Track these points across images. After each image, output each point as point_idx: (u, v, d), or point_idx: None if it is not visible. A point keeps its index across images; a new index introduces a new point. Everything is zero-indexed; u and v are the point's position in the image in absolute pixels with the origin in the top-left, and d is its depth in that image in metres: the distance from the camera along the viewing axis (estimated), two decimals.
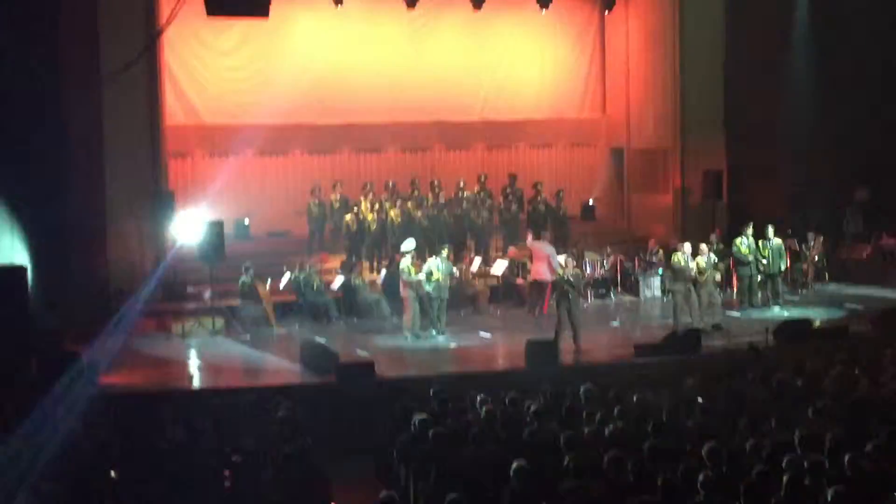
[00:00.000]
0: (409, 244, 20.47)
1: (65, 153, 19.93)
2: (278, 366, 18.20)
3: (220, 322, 20.52)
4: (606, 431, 11.66)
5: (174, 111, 24.33)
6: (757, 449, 10.63)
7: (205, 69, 25.26)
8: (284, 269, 21.67)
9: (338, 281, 21.59)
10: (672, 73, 26.53)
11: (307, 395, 15.73)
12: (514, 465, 10.14)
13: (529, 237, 21.76)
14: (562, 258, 22.49)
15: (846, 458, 9.96)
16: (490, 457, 11.00)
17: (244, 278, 20.81)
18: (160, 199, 21.85)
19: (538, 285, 21.49)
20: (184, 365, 18.60)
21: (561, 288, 19.13)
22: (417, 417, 13.01)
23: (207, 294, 21.12)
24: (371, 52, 26.31)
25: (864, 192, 26.06)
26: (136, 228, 21.76)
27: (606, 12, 27.72)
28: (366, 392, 15.91)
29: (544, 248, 21.36)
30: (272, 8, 19.42)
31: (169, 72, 23.95)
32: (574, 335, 18.87)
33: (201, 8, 19.21)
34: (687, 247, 20.52)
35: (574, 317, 18.97)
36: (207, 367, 18.44)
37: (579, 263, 23.02)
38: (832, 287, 24.20)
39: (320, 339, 19.16)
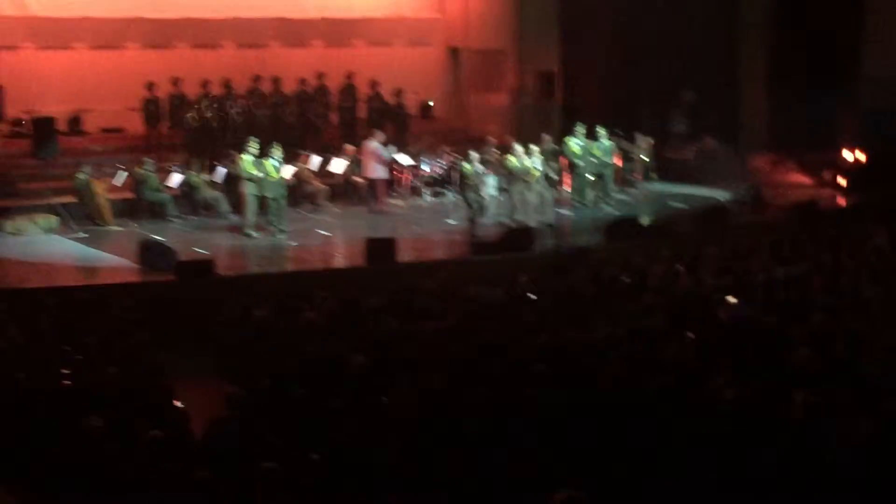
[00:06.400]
0: (250, 142, 20.38)
1: None
2: (116, 264, 18.03)
3: (54, 219, 20.17)
4: (444, 326, 12.06)
5: (1, 1, 23.46)
6: (586, 342, 11.17)
7: None
8: (119, 166, 21.38)
9: (176, 178, 21.39)
10: None
11: (146, 293, 15.73)
12: (355, 360, 10.45)
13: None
14: (402, 157, 22.91)
15: (669, 349, 10.57)
16: (330, 353, 11.28)
17: (80, 175, 20.48)
18: None
19: (371, 182, 22.01)
20: (17, 264, 18.11)
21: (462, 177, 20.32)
22: (258, 314, 13.25)
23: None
24: None
25: (691, 94, 26.84)
26: None
27: None
28: (205, 290, 15.99)
29: (370, 146, 21.89)
30: None
31: None
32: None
33: None
34: (519, 148, 21.03)
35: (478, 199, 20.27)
36: (42, 266, 18.02)
37: (416, 162, 23.40)
38: (659, 186, 25.05)
39: (158, 238, 19.05)
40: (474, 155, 20.88)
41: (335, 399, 9.63)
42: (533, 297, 13.93)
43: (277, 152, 20.21)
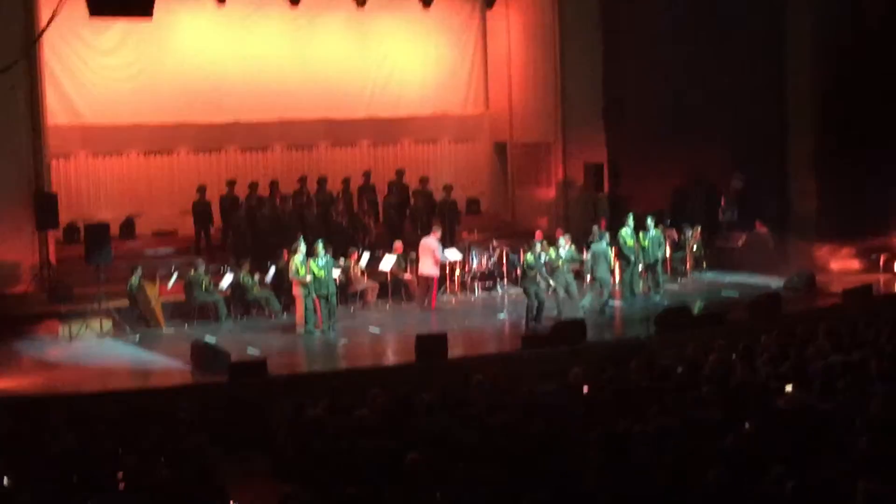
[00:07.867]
0: (299, 242, 20.51)
1: None
2: (169, 366, 18.12)
3: (107, 323, 20.36)
4: (497, 422, 11.95)
5: (56, 111, 23.96)
6: (641, 434, 11.00)
7: (87, 69, 24.89)
8: (173, 269, 21.62)
9: (226, 279, 21.56)
10: (552, 67, 27.01)
11: (200, 396, 15.75)
12: (409, 456, 10.37)
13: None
14: (452, 252, 22.88)
15: (726, 440, 10.39)
16: (385, 449, 11.20)
17: (132, 279, 20.71)
18: (42, 201, 21.68)
19: (425, 280, 21.99)
20: (72, 368, 18.25)
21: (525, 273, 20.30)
22: (311, 413, 13.21)
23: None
24: (255, 50, 26.24)
25: (739, 181, 26.80)
26: (18, 231, 21.60)
27: (487, 9, 28.25)
28: (258, 390, 16.00)
29: (429, 243, 21.85)
30: (154, 7, 19.29)
31: (50, 72, 23.60)
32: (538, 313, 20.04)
33: (83, 8, 18.97)
34: (562, 240, 21.14)
35: (538, 296, 20.07)
36: (97, 370, 18.12)
37: (466, 257, 23.40)
38: (710, 275, 24.90)
39: (210, 339, 19.14)
40: (538, 245, 20.77)
41: (390, 496, 9.53)
42: (586, 389, 13.79)
43: (324, 251, 20.33)
